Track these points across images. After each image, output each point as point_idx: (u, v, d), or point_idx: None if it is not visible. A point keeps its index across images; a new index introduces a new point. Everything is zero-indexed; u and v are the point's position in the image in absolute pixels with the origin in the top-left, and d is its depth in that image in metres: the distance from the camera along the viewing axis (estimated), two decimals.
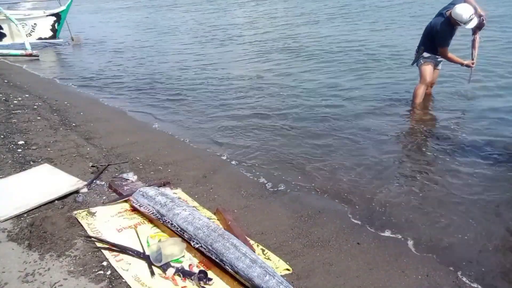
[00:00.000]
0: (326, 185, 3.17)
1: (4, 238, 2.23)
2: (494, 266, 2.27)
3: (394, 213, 2.77)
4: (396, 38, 8.55)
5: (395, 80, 5.91)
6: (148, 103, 5.56)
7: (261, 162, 3.58)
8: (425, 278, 2.12)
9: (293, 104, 5.15)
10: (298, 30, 10.36)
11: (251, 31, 11.00)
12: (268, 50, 8.41)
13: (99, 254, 2.12)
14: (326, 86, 5.89)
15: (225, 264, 1.95)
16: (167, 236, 2.29)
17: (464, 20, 4.12)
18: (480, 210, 2.80)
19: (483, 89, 5.26)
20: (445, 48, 4.43)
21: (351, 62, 7.05)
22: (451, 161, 3.50)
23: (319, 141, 4.03)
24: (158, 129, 4.44)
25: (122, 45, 10.30)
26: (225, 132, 4.39)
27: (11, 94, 5.26)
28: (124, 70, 7.73)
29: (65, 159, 3.29)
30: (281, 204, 2.83)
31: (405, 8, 12.05)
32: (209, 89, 6.05)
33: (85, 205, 2.61)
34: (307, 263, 2.19)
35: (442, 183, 3.17)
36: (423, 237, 2.51)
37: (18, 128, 3.90)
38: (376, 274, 2.13)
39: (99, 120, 4.53)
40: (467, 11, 4.08)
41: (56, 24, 10.08)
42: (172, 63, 8.00)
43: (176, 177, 3.12)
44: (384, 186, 3.15)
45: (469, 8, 4.10)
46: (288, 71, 6.77)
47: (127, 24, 14.67)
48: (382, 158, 3.61)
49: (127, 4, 21.38)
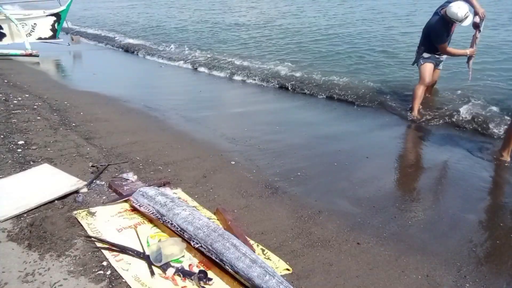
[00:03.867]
0: (326, 185, 3.18)
1: (4, 238, 2.23)
2: (496, 266, 2.27)
3: (394, 212, 2.78)
4: (396, 36, 8.56)
5: (395, 79, 5.92)
6: (147, 100, 5.57)
7: (261, 162, 3.59)
8: (425, 278, 2.12)
9: (293, 103, 5.15)
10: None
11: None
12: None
13: (99, 254, 2.12)
14: (325, 83, 5.90)
15: (225, 264, 1.95)
16: (167, 236, 2.29)
17: (460, 19, 4.13)
18: (483, 211, 2.80)
19: (485, 86, 5.26)
20: (443, 45, 4.44)
21: (350, 61, 7.07)
22: (451, 162, 3.50)
23: (318, 141, 4.04)
24: (158, 129, 4.44)
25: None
26: (225, 132, 4.40)
27: (11, 94, 5.25)
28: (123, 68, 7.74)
29: (65, 159, 3.29)
30: (281, 204, 2.83)
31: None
32: (209, 89, 6.05)
33: (85, 205, 2.60)
34: (307, 263, 2.19)
35: (442, 183, 3.17)
36: (423, 237, 2.51)
37: (18, 128, 3.90)
38: (376, 274, 2.14)
39: (99, 120, 4.52)
40: (462, 9, 4.09)
41: (56, 24, 10.08)
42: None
43: (176, 177, 3.12)
44: (384, 186, 3.16)
45: (463, 6, 4.10)
46: (287, 65, 6.78)
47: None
48: (382, 159, 3.61)
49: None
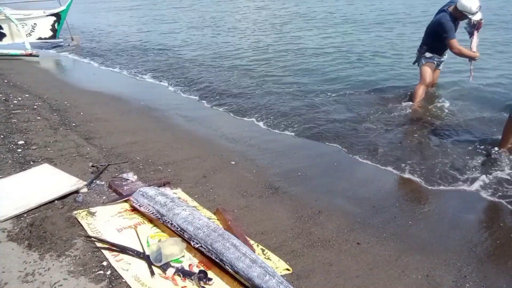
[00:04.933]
0: (326, 185, 3.18)
1: (4, 238, 2.23)
2: (496, 266, 2.27)
3: (394, 212, 2.78)
4: (397, 36, 8.56)
5: (396, 79, 5.92)
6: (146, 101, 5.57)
7: (261, 162, 3.58)
8: (425, 278, 2.12)
9: (293, 103, 5.15)
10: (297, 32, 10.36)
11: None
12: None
13: (99, 254, 2.12)
14: (324, 82, 5.90)
15: (225, 264, 1.95)
16: (167, 236, 2.29)
17: (473, 11, 4.17)
18: (483, 211, 2.80)
19: (488, 86, 5.26)
20: (454, 40, 4.34)
21: (350, 60, 7.07)
22: (452, 162, 3.49)
23: (318, 142, 4.04)
24: (158, 129, 4.43)
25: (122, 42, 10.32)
26: (225, 132, 4.40)
27: (11, 94, 5.25)
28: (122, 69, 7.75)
29: (65, 159, 3.29)
30: (281, 204, 2.83)
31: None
32: (209, 89, 6.05)
33: (85, 205, 2.60)
34: (307, 263, 2.19)
35: (442, 185, 3.17)
36: (423, 237, 2.51)
37: (18, 128, 3.89)
38: (376, 274, 2.14)
39: (99, 120, 4.52)
40: (474, 2, 4.16)
41: (56, 24, 10.08)
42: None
43: (176, 177, 3.12)
44: (384, 186, 3.16)
45: (475, 0, 4.17)
46: (286, 68, 6.78)
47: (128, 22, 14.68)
48: (381, 160, 3.61)
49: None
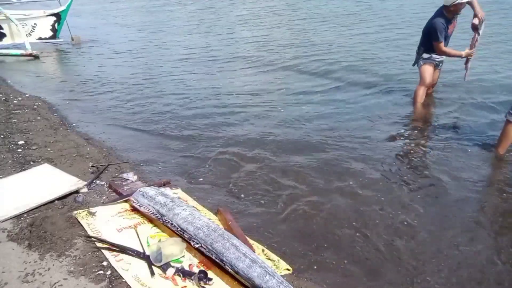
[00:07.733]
0: (326, 184, 3.17)
1: (4, 238, 2.23)
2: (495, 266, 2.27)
3: (395, 213, 2.77)
4: (398, 37, 8.56)
5: (396, 79, 5.92)
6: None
7: (261, 162, 3.58)
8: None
9: (293, 104, 5.15)
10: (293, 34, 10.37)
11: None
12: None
13: (99, 254, 2.12)
14: (324, 84, 5.90)
15: (225, 264, 1.95)
16: (167, 236, 2.29)
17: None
18: (483, 211, 2.80)
19: (486, 86, 5.26)
20: (439, 42, 4.41)
21: (349, 61, 7.07)
22: (453, 163, 3.48)
23: (318, 143, 4.03)
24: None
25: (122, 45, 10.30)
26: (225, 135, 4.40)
27: (11, 94, 5.26)
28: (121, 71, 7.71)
29: (65, 159, 3.29)
30: (281, 204, 2.83)
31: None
32: (209, 89, 6.05)
33: (85, 205, 2.61)
34: (307, 263, 2.19)
35: (441, 182, 3.17)
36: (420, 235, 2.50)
37: (18, 128, 3.90)
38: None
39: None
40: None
41: (56, 24, 10.09)
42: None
43: (172, 178, 3.12)
44: (384, 186, 3.15)
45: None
46: (283, 72, 6.78)
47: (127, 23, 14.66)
48: (381, 160, 3.60)
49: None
